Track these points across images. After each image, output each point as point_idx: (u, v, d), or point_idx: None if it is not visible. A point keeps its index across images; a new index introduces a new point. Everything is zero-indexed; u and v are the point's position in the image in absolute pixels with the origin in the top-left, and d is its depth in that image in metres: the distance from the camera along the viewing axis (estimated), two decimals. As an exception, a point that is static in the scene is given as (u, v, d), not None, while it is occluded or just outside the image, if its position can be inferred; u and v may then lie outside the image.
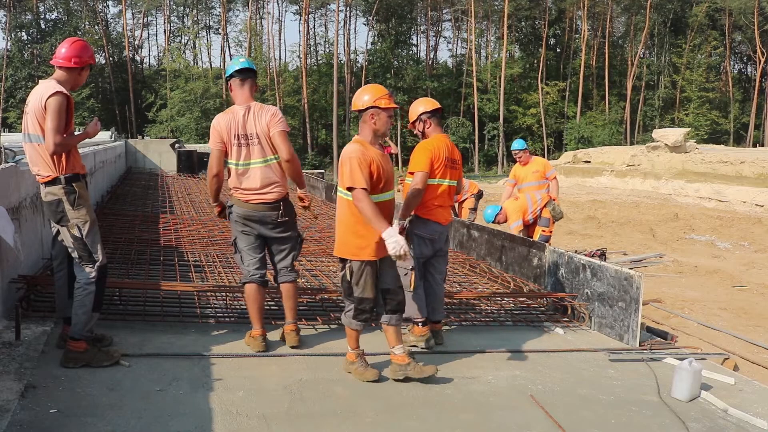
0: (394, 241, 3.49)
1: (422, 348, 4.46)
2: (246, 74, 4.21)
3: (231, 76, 4.24)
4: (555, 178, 8.68)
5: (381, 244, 3.63)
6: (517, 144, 8.96)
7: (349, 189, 3.60)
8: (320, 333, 4.59)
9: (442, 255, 4.65)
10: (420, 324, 4.49)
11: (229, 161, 4.17)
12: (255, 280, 4.19)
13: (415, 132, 4.74)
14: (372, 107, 3.71)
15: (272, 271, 4.44)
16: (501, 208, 8.57)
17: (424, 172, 4.38)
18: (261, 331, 4.22)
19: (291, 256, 4.33)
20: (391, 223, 3.73)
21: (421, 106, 4.66)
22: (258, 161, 4.11)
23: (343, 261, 3.82)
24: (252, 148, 4.11)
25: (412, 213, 4.45)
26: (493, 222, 8.49)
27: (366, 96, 3.74)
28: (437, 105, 4.70)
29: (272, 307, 5.04)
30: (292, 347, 4.25)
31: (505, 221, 8.57)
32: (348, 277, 3.77)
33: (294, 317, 4.31)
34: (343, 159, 3.66)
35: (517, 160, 8.77)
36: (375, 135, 3.76)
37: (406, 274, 4.50)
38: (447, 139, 4.64)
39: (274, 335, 4.45)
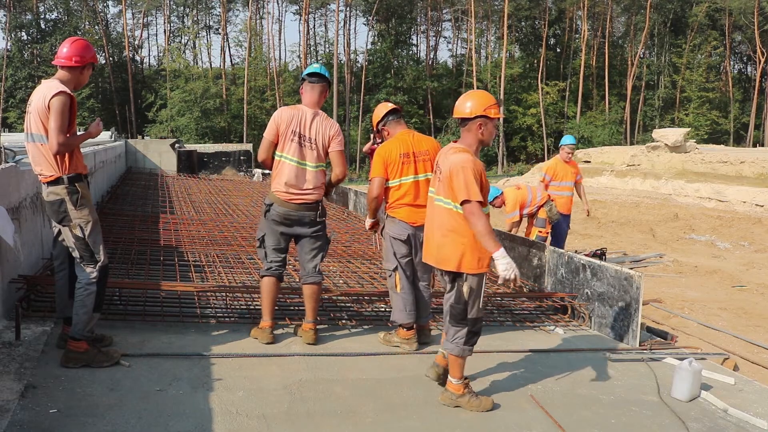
0: (508, 263, 3.30)
1: (407, 350, 4.44)
2: (318, 79, 4.38)
3: (304, 78, 4.43)
4: (581, 180, 8.87)
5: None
6: (572, 139, 8.80)
7: (464, 202, 3.35)
8: (320, 333, 4.58)
9: (421, 262, 4.36)
10: (405, 327, 4.49)
11: (282, 154, 4.30)
12: (275, 274, 4.37)
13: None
14: (481, 116, 3.47)
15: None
16: (501, 192, 8.56)
17: (378, 178, 4.46)
18: (270, 323, 4.39)
19: (320, 256, 4.47)
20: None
21: (375, 116, 4.75)
22: (312, 164, 4.31)
23: (456, 278, 3.50)
24: (308, 151, 4.30)
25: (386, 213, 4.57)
26: (490, 204, 8.50)
27: (473, 103, 3.49)
28: (387, 108, 4.68)
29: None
30: (309, 344, 4.37)
31: (501, 206, 8.55)
32: (465, 296, 3.45)
33: (314, 317, 4.46)
34: (455, 169, 3.39)
35: (567, 155, 8.60)
36: (480, 145, 3.55)
37: (390, 276, 4.51)
38: (408, 134, 4.58)
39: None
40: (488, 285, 6.45)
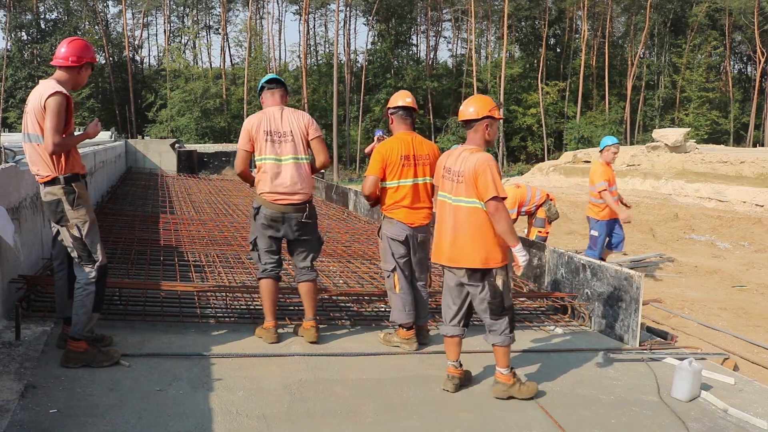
0: (525, 254, 3.63)
1: (407, 350, 4.45)
2: (276, 85, 4.47)
3: (261, 88, 4.50)
4: None
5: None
6: (615, 139, 8.22)
7: (491, 199, 3.51)
8: (320, 333, 4.58)
9: (419, 262, 4.53)
10: (405, 327, 4.49)
11: (262, 157, 4.30)
12: (272, 276, 4.39)
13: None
14: (487, 117, 3.66)
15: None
16: None
17: (373, 177, 4.47)
18: (273, 323, 4.41)
19: (311, 256, 4.48)
20: None
21: (391, 100, 4.69)
22: (289, 158, 4.30)
23: (485, 276, 3.63)
24: (284, 145, 4.31)
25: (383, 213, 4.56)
26: None
27: (477, 105, 3.68)
28: (403, 102, 4.61)
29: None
30: (311, 342, 4.38)
31: None
32: (501, 288, 3.63)
33: (314, 314, 4.47)
34: (482, 167, 3.54)
35: (614, 156, 8.12)
36: (486, 145, 3.73)
37: (388, 277, 4.52)
38: (409, 136, 4.54)
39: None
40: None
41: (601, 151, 8.28)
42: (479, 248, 3.58)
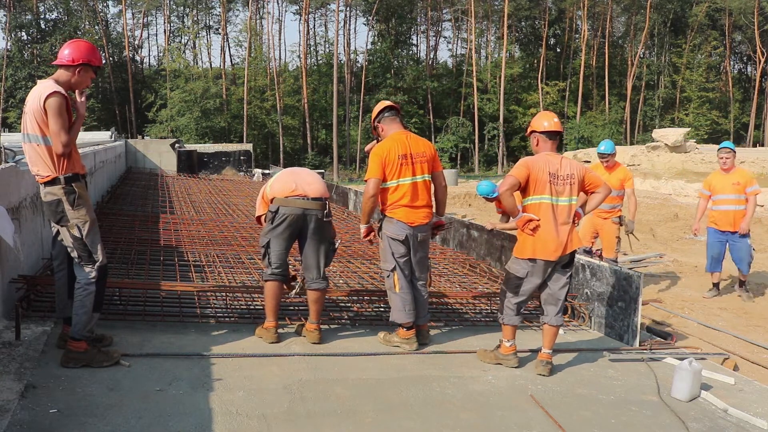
0: None
1: (407, 350, 4.45)
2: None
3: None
4: (756, 194, 7.62)
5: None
6: (726, 143, 7.81)
7: (605, 182, 4.36)
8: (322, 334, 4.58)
9: (420, 261, 4.56)
10: (405, 327, 4.49)
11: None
12: (279, 279, 4.42)
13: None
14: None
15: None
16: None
17: (374, 179, 4.45)
18: (275, 323, 4.44)
19: (323, 262, 4.48)
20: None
21: (373, 113, 4.73)
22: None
23: (573, 258, 4.32)
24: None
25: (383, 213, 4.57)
26: (491, 199, 7.22)
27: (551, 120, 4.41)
28: (386, 104, 4.65)
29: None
30: (314, 343, 4.43)
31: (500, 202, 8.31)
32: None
33: (318, 319, 4.52)
34: (585, 167, 4.36)
35: (721, 164, 7.72)
36: None
37: (388, 276, 4.51)
38: (404, 135, 4.54)
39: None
40: (487, 285, 6.46)
41: None
42: (575, 233, 4.23)
